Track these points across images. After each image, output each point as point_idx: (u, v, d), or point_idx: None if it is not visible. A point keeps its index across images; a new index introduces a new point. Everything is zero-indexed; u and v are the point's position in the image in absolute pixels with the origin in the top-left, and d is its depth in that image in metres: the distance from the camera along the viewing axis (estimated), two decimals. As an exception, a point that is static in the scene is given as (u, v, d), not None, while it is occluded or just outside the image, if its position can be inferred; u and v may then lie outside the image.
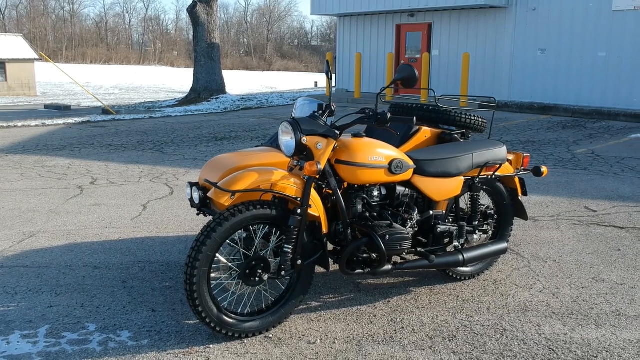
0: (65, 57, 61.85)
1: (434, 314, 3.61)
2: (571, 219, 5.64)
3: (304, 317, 3.55)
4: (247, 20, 79.52)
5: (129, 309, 3.65)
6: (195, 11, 19.19)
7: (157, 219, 5.57)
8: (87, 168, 8.07)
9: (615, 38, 14.46)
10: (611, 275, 4.24)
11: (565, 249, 4.80)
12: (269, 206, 3.21)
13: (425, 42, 18.27)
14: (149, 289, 3.95)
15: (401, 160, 3.48)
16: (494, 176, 3.98)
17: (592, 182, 7.18)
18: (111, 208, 5.96)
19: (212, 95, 19.49)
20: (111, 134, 11.62)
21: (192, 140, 10.70)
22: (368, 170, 3.38)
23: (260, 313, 3.35)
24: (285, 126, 3.29)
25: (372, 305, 3.73)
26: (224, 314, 3.21)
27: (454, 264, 3.75)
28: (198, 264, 3.05)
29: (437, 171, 3.69)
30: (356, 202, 3.48)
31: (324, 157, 3.28)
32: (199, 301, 3.09)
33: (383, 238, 3.34)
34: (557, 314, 3.61)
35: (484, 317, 3.56)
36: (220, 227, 3.07)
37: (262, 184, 3.16)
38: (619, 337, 3.32)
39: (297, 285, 3.40)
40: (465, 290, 3.96)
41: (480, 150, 3.84)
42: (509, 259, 4.53)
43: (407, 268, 3.63)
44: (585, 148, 9.75)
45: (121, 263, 4.42)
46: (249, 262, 3.21)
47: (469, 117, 4.37)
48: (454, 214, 3.95)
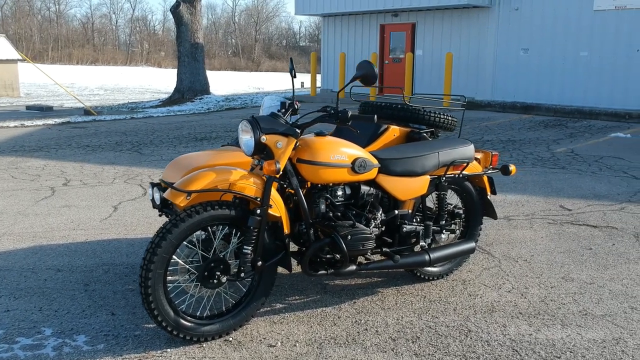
0: (51, 58, 61.36)
1: (399, 315, 3.56)
2: (545, 218, 5.61)
3: (267, 320, 3.49)
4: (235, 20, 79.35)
5: (88, 312, 3.57)
6: (179, 11, 19.06)
7: (126, 221, 5.48)
8: (62, 169, 7.96)
9: (597, 38, 14.51)
10: (581, 274, 4.20)
11: (537, 248, 4.76)
12: (228, 206, 3.14)
13: (409, 42, 18.26)
14: (111, 292, 3.87)
15: (365, 159, 3.43)
16: (462, 175, 3.93)
17: (569, 181, 7.17)
18: (81, 209, 5.87)
19: (196, 95, 19.37)
20: (90, 134, 11.49)
21: (172, 141, 10.60)
22: (330, 170, 3.32)
23: (220, 316, 3.28)
24: (245, 125, 3.22)
25: (337, 306, 3.67)
26: (182, 317, 3.14)
27: (420, 264, 3.70)
28: (153, 266, 2.97)
29: (402, 170, 3.63)
30: (319, 202, 3.42)
31: (284, 156, 3.21)
32: (155, 304, 3.02)
33: (345, 238, 3.28)
34: (523, 314, 3.56)
35: (449, 318, 3.51)
36: (175, 229, 3.00)
37: (220, 184, 3.09)
38: (584, 337, 3.28)
39: (258, 287, 3.34)
40: (433, 291, 3.91)
41: (447, 149, 3.80)
42: (479, 259, 4.49)
43: (372, 268, 3.57)
44: (565, 147, 9.75)
45: (85, 265, 4.33)
46: (207, 264, 3.14)
47: (438, 116, 4.32)
48: (420, 214, 3.90)
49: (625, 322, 3.46)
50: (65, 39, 67.92)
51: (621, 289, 3.95)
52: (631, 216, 5.62)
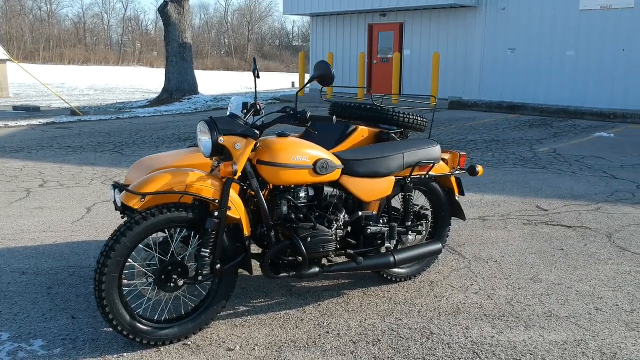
0: (43, 58, 61.11)
1: (363, 317, 3.53)
2: (520, 218, 5.59)
3: (229, 323, 3.45)
4: (228, 20, 79.21)
5: (49, 316, 3.52)
6: (167, 11, 18.99)
7: (98, 223, 5.43)
8: (41, 170, 7.90)
9: (583, 38, 14.54)
10: (550, 275, 4.19)
11: (509, 249, 4.74)
12: (186, 209, 3.10)
13: (397, 42, 18.25)
14: (74, 295, 3.82)
15: (327, 160, 3.40)
16: (429, 176, 3.90)
17: (548, 181, 7.16)
18: (54, 211, 5.81)
19: (185, 95, 19.31)
20: (74, 135, 11.42)
21: (155, 142, 10.55)
22: (290, 171, 3.28)
23: (179, 320, 3.24)
24: (202, 126, 3.18)
25: (301, 309, 3.64)
26: (138, 321, 3.10)
27: (385, 266, 3.67)
28: (107, 269, 2.93)
29: (367, 171, 3.60)
30: (281, 204, 3.39)
31: (243, 158, 3.18)
32: (110, 308, 2.98)
33: (305, 240, 3.25)
34: (488, 316, 3.54)
35: (412, 320, 3.49)
36: (130, 232, 2.96)
37: (176, 186, 3.05)
38: (546, 339, 3.25)
39: (218, 290, 3.30)
40: (399, 293, 3.89)
41: (412, 150, 3.77)
42: (449, 260, 4.47)
43: (336, 271, 3.54)
44: (548, 147, 9.75)
45: (51, 268, 4.29)
46: (164, 267, 3.10)
47: (407, 117, 4.29)
48: (387, 215, 3.87)
49: (589, 323, 3.44)
50: (57, 39, 67.66)
51: (588, 290, 3.93)
52: (606, 216, 5.61)
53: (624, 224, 5.38)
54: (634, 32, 13.72)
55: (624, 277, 4.13)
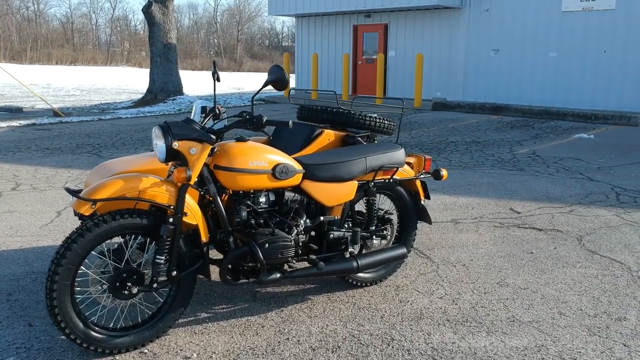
0: (30, 58, 60.63)
1: (325, 323, 3.49)
2: (493, 221, 5.58)
3: (188, 330, 3.41)
4: (217, 20, 78.98)
5: (5, 323, 3.46)
6: (151, 11, 18.87)
7: (67, 227, 5.36)
8: (15, 173, 7.80)
9: (565, 39, 14.59)
10: (517, 279, 4.17)
11: (478, 252, 4.73)
12: (140, 215, 3.05)
13: (381, 43, 18.24)
14: (34, 301, 3.76)
15: (286, 164, 3.36)
16: (393, 180, 3.87)
17: (524, 183, 7.16)
18: (23, 215, 5.74)
19: (169, 96, 19.19)
20: (53, 136, 11.31)
21: (134, 143, 10.47)
22: (248, 176, 3.24)
23: (135, 327, 3.19)
24: (157, 130, 3.14)
25: (263, 315, 3.60)
26: (92, 329, 3.04)
27: (348, 271, 3.63)
28: (58, 277, 2.88)
29: (328, 176, 3.57)
30: (240, 209, 3.34)
31: (198, 163, 3.13)
32: (62, 316, 2.92)
33: (262, 246, 3.21)
34: (451, 322, 3.51)
35: (374, 326, 3.46)
36: (81, 238, 2.90)
37: (128, 192, 3.00)
38: (507, 345, 3.23)
39: (176, 297, 3.25)
40: (364, 298, 3.85)
41: (375, 154, 3.73)
42: (417, 264, 4.44)
43: (297, 276, 3.50)
44: (527, 148, 9.76)
45: (13, 274, 4.22)
46: (118, 274, 3.05)
47: (374, 120, 4.26)
48: (350, 219, 3.84)
49: (551, 328, 3.43)
50: (44, 38, 67.13)
51: (554, 293, 3.91)
52: (578, 219, 5.61)
53: (595, 226, 5.38)
54: (615, 34, 13.78)
55: (590, 281, 4.13)
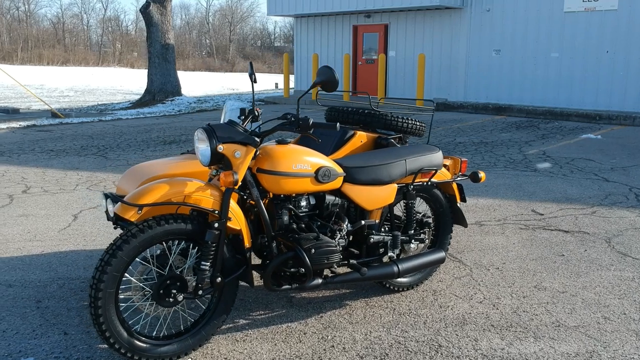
0: (21, 59, 60.12)
1: (368, 329, 3.42)
2: (517, 223, 5.53)
3: (229, 338, 3.32)
4: (209, 21, 78.71)
5: (39, 332, 3.36)
6: (149, 11, 18.73)
7: (86, 231, 5.25)
8: (23, 175, 7.67)
9: (567, 39, 14.59)
10: (553, 282, 4.11)
11: (509, 255, 4.67)
12: (184, 220, 2.96)
13: (382, 43, 18.19)
14: (65, 309, 3.66)
15: (329, 168, 3.28)
16: (430, 183, 3.81)
17: (540, 184, 7.12)
18: (39, 219, 5.62)
19: (167, 97, 19.06)
20: (56, 138, 11.16)
21: (139, 145, 10.35)
22: (292, 180, 3.16)
23: (178, 335, 3.10)
24: (200, 133, 3.05)
25: (303, 321, 3.52)
26: (136, 337, 2.95)
27: (389, 276, 3.56)
28: (103, 285, 2.79)
29: (368, 179, 3.49)
30: (282, 213, 3.26)
31: (243, 167, 3.05)
32: (106, 325, 2.83)
33: (308, 252, 3.13)
34: (495, 327, 3.45)
35: (419, 332, 3.38)
36: (126, 245, 2.81)
37: (174, 197, 2.91)
38: (557, 351, 3.17)
39: (218, 304, 3.16)
40: (402, 303, 3.78)
41: (414, 156, 3.67)
42: (450, 267, 4.37)
43: (339, 282, 3.43)
44: (537, 149, 9.73)
45: (39, 280, 4.11)
46: (162, 281, 2.96)
47: (406, 121, 4.19)
48: (388, 223, 3.77)
49: (599, 333, 3.37)
50: (35, 39, 66.59)
51: (594, 297, 3.86)
52: (602, 220, 5.57)
53: (621, 228, 5.34)
54: (617, 34, 13.80)
55: (628, 284, 4.07)
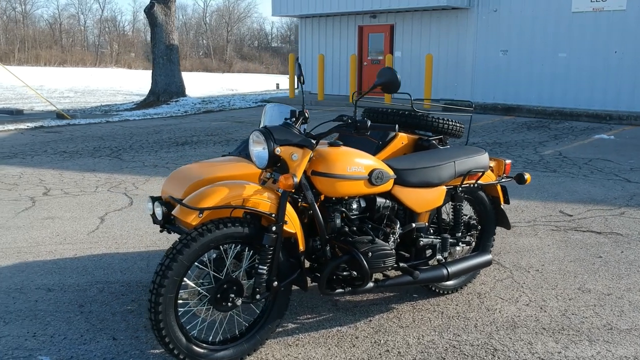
0: (18, 60, 59.86)
1: (420, 333, 3.39)
2: (548, 224, 5.51)
3: (281, 342, 3.28)
4: (206, 21, 78.59)
5: (87, 337, 3.32)
6: (153, 12, 18.67)
7: (115, 233, 5.20)
8: (40, 177, 7.61)
9: (575, 39, 14.61)
10: (596, 284, 4.09)
11: (546, 257, 4.64)
12: (240, 224, 2.92)
13: (387, 44, 18.17)
14: (109, 313, 3.62)
15: (382, 170, 3.25)
16: (476, 184, 3.78)
17: (563, 185, 7.10)
18: (66, 221, 5.57)
19: (172, 97, 19.00)
20: (66, 139, 11.10)
21: (152, 146, 10.29)
22: (347, 182, 3.13)
23: (233, 340, 3.07)
24: (257, 135, 3.01)
25: (353, 325, 3.48)
26: (194, 343, 2.92)
27: (439, 279, 3.53)
28: (163, 290, 2.74)
29: (419, 181, 3.46)
30: (334, 216, 3.22)
31: (300, 169, 3.01)
32: (166, 331, 2.79)
33: (365, 255, 3.09)
34: (547, 330, 3.42)
35: (472, 336, 3.35)
36: (187, 249, 2.77)
37: (233, 200, 2.87)
38: (615, 354, 3.15)
39: (273, 308, 3.13)
40: (449, 306, 3.75)
41: (462, 158, 3.64)
42: (490, 270, 4.34)
43: (390, 285, 3.39)
44: (552, 149, 9.73)
45: (77, 284, 4.07)
46: (220, 285, 2.92)
47: (447, 122, 4.16)
48: (435, 226, 3.74)
49: (652, 336, 3.35)
50: (32, 40, 66.35)
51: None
52: (633, 221, 5.55)
53: (653, 229, 5.33)
54: (626, 34, 13.82)
55: (671, 286, 4.06)
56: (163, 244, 4.91)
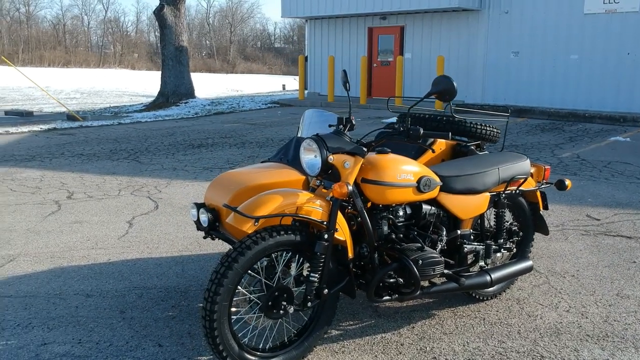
0: (22, 60, 59.93)
1: (464, 340, 3.38)
2: (577, 228, 5.50)
3: (327, 348, 3.28)
4: (209, 22, 78.65)
5: (133, 344, 3.32)
6: (163, 13, 18.68)
7: (146, 238, 5.21)
8: (61, 180, 7.62)
9: (587, 41, 14.59)
10: (635, 290, 4.08)
11: (580, 262, 4.64)
12: (292, 231, 2.93)
13: (397, 45, 18.17)
14: (151, 319, 3.62)
15: (429, 177, 3.25)
16: (517, 191, 3.78)
17: (586, 188, 7.09)
18: (94, 225, 5.57)
19: (181, 99, 19.01)
20: (81, 142, 11.11)
21: (168, 148, 10.30)
22: (397, 190, 3.13)
23: (282, 347, 3.07)
24: (309, 143, 3.01)
25: (396, 332, 3.48)
26: (246, 351, 2.92)
27: (482, 286, 3.53)
28: (219, 298, 2.75)
29: (464, 188, 3.46)
30: (382, 223, 3.22)
31: (352, 177, 3.02)
32: (220, 339, 2.79)
33: (416, 263, 3.09)
34: (592, 337, 3.42)
35: (517, 343, 3.35)
36: (242, 257, 2.78)
37: (287, 208, 2.88)
38: (663, 362, 3.14)
39: (321, 315, 3.13)
40: (490, 312, 3.75)
41: (506, 164, 3.64)
42: (526, 275, 4.33)
43: (435, 292, 3.39)
44: (569, 152, 9.72)
45: (115, 290, 4.07)
46: (271, 292, 2.92)
47: (485, 128, 4.16)
48: (476, 232, 3.73)
49: (698, 343, 3.34)
50: (35, 40, 66.47)
51: (680, 306, 3.83)
52: (662, 226, 5.55)
53: (682, 233, 5.32)
54: (639, 36, 13.79)
55: None
56: (195, 249, 4.91)
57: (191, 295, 3.98)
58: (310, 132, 3.51)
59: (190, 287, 4.11)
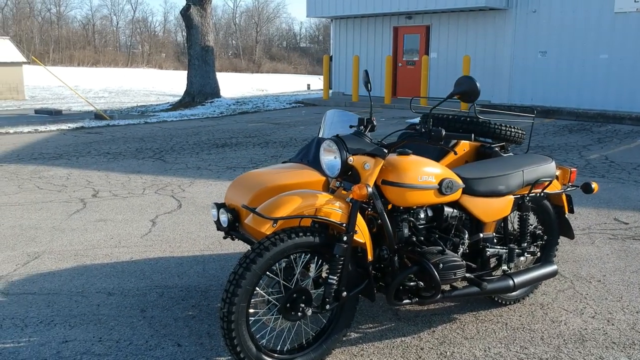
0: (52, 60, 60.99)
1: (485, 345, 3.33)
2: (603, 232, 5.38)
3: (345, 351, 3.26)
4: (236, 22, 79.10)
5: (152, 343, 3.33)
6: (189, 13, 18.82)
7: (168, 236, 5.24)
8: (87, 179, 7.72)
9: (617, 40, 14.30)
10: (663, 297, 3.98)
11: (606, 267, 4.54)
12: (311, 233, 2.91)
13: (423, 45, 18.04)
14: (171, 319, 3.63)
15: (451, 179, 3.20)
16: (542, 193, 3.70)
17: (614, 191, 6.94)
18: (118, 224, 5.63)
19: (207, 98, 19.14)
20: (107, 140, 11.25)
21: (193, 147, 10.36)
22: (418, 192, 3.09)
23: (300, 350, 3.05)
24: (329, 144, 2.99)
25: (416, 336, 3.44)
26: (264, 352, 2.91)
27: (505, 290, 3.46)
28: (237, 299, 2.74)
29: (487, 190, 3.40)
30: (402, 226, 3.18)
31: (372, 179, 2.98)
32: (237, 340, 2.79)
33: (437, 266, 3.05)
34: (618, 345, 3.33)
35: (539, 349, 3.28)
36: (260, 258, 2.76)
37: (306, 210, 2.86)
38: (692, 372, 3.05)
39: (340, 318, 3.11)
40: (512, 317, 3.68)
41: (531, 167, 3.57)
42: (551, 280, 4.24)
43: (457, 296, 3.34)
44: (597, 153, 9.53)
45: (137, 288, 4.10)
46: (290, 294, 2.91)
47: (509, 129, 4.09)
48: (499, 235, 3.67)
49: None
50: (65, 40, 67.57)
51: None
52: (693, 230, 5.40)
53: None
54: (671, 35, 13.48)
55: None
56: (216, 248, 4.92)
57: (211, 295, 3.99)
58: (331, 133, 3.49)
59: (211, 287, 4.12)
